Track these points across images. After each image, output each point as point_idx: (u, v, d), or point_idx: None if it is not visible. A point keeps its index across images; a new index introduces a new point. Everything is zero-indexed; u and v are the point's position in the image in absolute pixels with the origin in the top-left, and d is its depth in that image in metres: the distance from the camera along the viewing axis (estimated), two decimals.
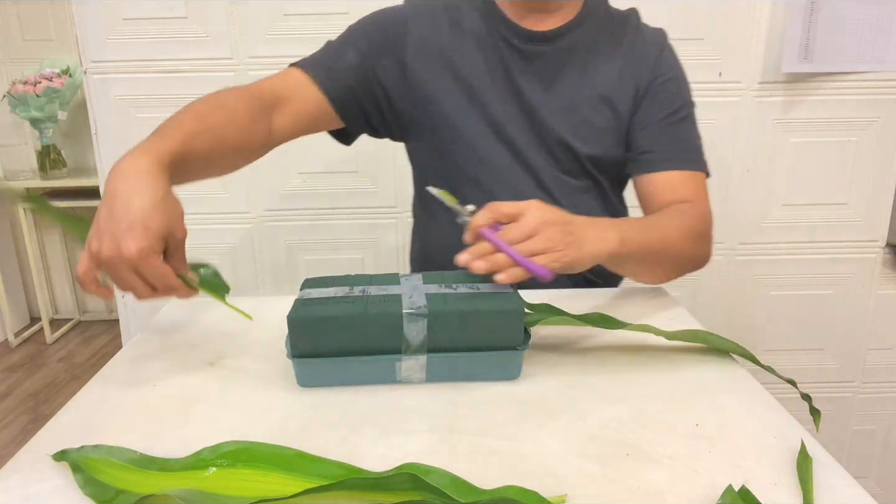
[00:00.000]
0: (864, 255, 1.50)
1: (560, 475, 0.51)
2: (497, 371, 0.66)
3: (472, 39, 0.92)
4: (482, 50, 0.91)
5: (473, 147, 0.92)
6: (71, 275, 3.06)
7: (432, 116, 0.93)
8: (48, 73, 2.58)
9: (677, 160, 0.91)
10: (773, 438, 0.56)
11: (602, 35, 0.93)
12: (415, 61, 0.92)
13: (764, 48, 1.39)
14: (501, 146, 0.92)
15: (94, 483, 0.49)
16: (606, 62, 0.92)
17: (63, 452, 0.53)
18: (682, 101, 0.94)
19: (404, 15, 0.93)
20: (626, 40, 0.93)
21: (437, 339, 0.63)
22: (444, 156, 0.94)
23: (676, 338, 0.71)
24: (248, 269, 1.53)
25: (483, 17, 0.92)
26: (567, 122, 0.91)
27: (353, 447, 0.55)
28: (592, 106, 0.91)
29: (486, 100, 0.91)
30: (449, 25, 0.92)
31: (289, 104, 0.87)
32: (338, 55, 0.91)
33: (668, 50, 0.95)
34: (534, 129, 0.92)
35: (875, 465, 1.65)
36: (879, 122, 1.43)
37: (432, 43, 0.92)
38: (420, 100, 0.93)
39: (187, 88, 1.42)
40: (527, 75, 0.91)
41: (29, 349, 2.83)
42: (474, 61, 0.91)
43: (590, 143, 0.92)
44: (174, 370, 0.69)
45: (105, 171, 1.47)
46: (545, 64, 0.91)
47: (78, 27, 1.39)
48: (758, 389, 0.65)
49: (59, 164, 2.67)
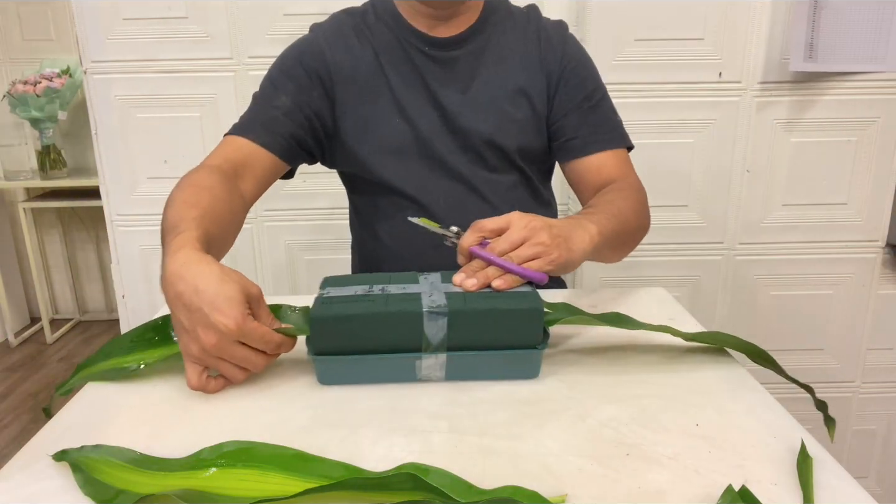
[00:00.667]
0: (864, 255, 1.50)
1: (560, 475, 0.51)
2: (516, 370, 0.66)
3: (386, 56, 0.93)
4: (398, 64, 0.93)
5: (404, 167, 0.94)
6: (71, 275, 3.06)
7: (362, 142, 0.94)
8: (48, 73, 2.58)
9: (602, 141, 0.95)
10: (773, 438, 0.56)
11: (509, 33, 0.96)
12: (340, 91, 0.93)
13: (764, 48, 1.39)
14: (429, 160, 0.94)
15: (94, 483, 0.49)
16: (517, 58, 0.95)
17: (63, 452, 0.53)
18: (594, 84, 0.97)
19: (319, 46, 0.94)
20: (531, 35, 0.96)
21: (456, 338, 0.63)
22: (376, 178, 0.96)
23: (695, 339, 0.71)
24: (249, 269, 1.53)
25: (392, 32, 0.94)
26: (489, 119, 0.94)
27: (352, 447, 0.55)
28: (510, 99, 0.94)
29: (410, 114, 0.93)
30: (361, 47, 0.94)
31: (247, 170, 0.88)
32: (269, 105, 0.92)
33: (570, 39, 0.98)
34: (458, 136, 0.94)
35: (875, 465, 1.65)
36: (879, 122, 1.43)
37: (352, 68, 0.93)
38: (350, 128, 0.94)
39: (187, 88, 1.42)
40: (443, 82, 0.93)
41: (29, 349, 2.83)
42: (393, 78, 0.93)
43: (514, 137, 0.95)
44: (174, 370, 0.69)
45: (105, 170, 1.47)
46: (460, 67, 0.93)
47: (78, 27, 1.39)
48: (758, 389, 0.65)
49: (59, 164, 2.67)
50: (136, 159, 1.46)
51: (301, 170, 1.53)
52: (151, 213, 1.49)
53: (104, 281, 3.08)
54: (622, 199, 0.87)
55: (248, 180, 0.88)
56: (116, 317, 1.60)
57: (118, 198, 1.49)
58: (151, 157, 1.46)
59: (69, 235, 3.03)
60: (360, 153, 0.95)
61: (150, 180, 1.48)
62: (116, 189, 1.48)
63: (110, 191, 1.48)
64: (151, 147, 1.45)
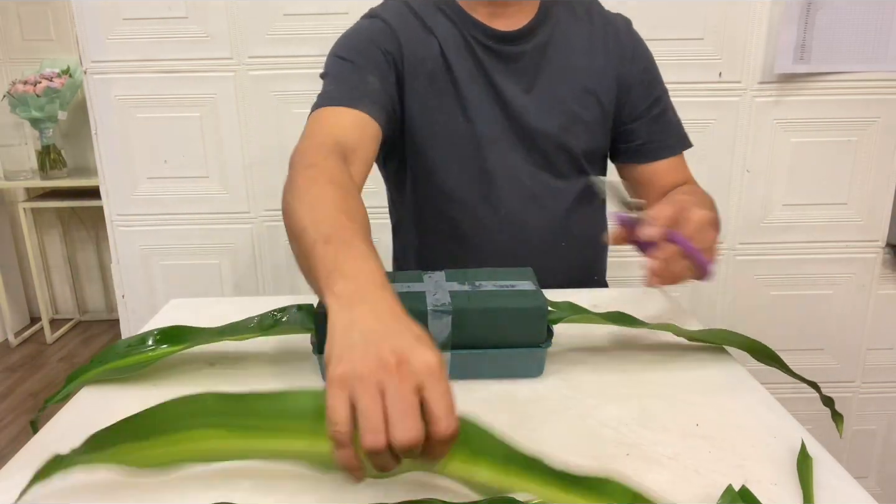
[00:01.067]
0: (864, 255, 1.50)
1: None
2: (520, 368, 0.66)
3: (451, 49, 0.87)
4: (462, 59, 0.87)
5: (462, 169, 0.90)
6: (71, 275, 3.06)
7: (428, 140, 0.89)
8: (48, 73, 2.58)
9: (672, 146, 0.95)
10: (773, 438, 0.56)
11: (572, 25, 0.91)
12: (410, 81, 0.87)
13: (763, 48, 1.39)
14: (489, 163, 0.90)
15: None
16: (583, 53, 0.91)
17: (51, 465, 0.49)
18: (662, 87, 0.96)
19: (391, 29, 0.86)
20: (597, 29, 0.92)
21: (461, 336, 0.63)
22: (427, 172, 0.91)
23: (698, 338, 0.71)
24: (248, 269, 1.53)
25: (453, 23, 0.88)
26: (556, 119, 0.90)
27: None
28: (578, 98, 0.90)
29: (472, 114, 0.88)
30: (427, 36, 0.87)
31: (356, 153, 0.76)
32: (363, 82, 0.82)
33: (638, 37, 0.95)
34: (523, 137, 0.90)
35: (875, 465, 1.65)
36: (879, 122, 1.43)
37: (421, 59, 0.87)
38: (417, 125, 0.88)
39: (187, 88, 1.42)
40: (507, 79, 0.89)
41: (29, 349, 2.83)
42: (459, 73, 0.87)
43: (581, 138, 0.92)
44: (174, 370, 0.69)
45: (105, 170, 1.47)
46: (525, 63, 0.89)
47: (78, 27, 1.39)
48: (758, 389, 0.65)
49: (59, 164, 2.66)
50: (136, 159, 1.46)
51: None
52: (151, 213, 1.49)
53: (104, 281, 3.08)
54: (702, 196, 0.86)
55: (357, 164, 0.76)
56: (116, 317, 1.60)
57: (118, 198, 1.48)
58: (151, 157, 1.46)
59: (69, 235, 3.03)
60: (423, 149, 0.89)
61: (150, 180, 1.48)
62: (116, 189, 1.48)
63: (110, 191, 1.48)
64: (151, 147, 1.45)
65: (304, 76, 1.40)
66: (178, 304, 0.89)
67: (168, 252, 1.51)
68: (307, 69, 1.40)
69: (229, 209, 1.49)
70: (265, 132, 1.45)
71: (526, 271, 0.72)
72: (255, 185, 1.48)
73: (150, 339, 0.69)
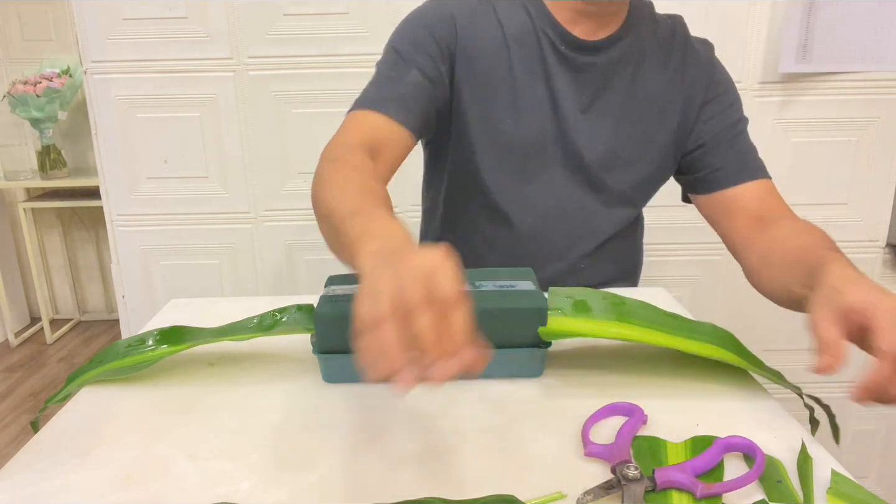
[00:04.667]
0: (864, 255, 1.50)
1: (560, 475, 0.51)
2: (520, 368, 0.66)
3: (517, 45, 0.85)
4: (526, 57, 0.85)
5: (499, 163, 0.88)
6: (71, 275, 3.06)
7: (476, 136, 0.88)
8: (48, 73, 2.58)
9: (749, 171, 0.89)
10: (773, 438, 0.56)
11: (651, 44, 0.87)
12: (460, 67, 0.85)
13: (764, 48, 1.39)
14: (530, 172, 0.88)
15: None
16: (657, 73, 0.87)
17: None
18: (740, 113, 0.92)
19: (450, 15, 0.84)
20: (675, 51, 0.88)
21: None
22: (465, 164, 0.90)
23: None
24: (248, 269, 1.53)
25: (529, 17, 0.85)
26: (605, 145, 0.87)
27: (352, 446, 0.55)
28: (642, 120, 0.88)
29: (524, 115, 0.86)
30: (491, 27, 0.85)
31: (381, 152, 0.79)
32: (400, 82, 0.83)
33: (718, 63, 0.92)
34: (570, 152, 0.87)
35: (875, 465, 1.65)
36: (879, 122, 1.43)
37: (479, 49, 0.85)
38: (465, 118, 0.87)
39: (187, 88, 1.42)
40: (570, 88, 0.85)
41: (29, 349, 2.83)
42: (518, 71, 0.85)
43: (634, 162, 0.89)
44: (174, 370, 0.69)
45: (105, 170, 1.47)
46: (593, 75, 0.85)
47: (78, 27, 1.39)
48: (758, 389, 0.65)
49: (59, 164, 2.66)
50: (136, 159, 1.46)
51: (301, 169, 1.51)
52: (151, 213, 1.49)
53: (104, 281, 3.08)
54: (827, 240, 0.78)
55: (382, 163, 0.79)
56: (116, 317, 1.60)
57: (118, 198, 1.48)
58: (151, 157, 1.46)
59: (69, 235, 3.03)
60: (465, 138, 0.88)
61: (150, 180, 1.48)
62: (116, 189, 1.48)
63: (110, 191, 1.48)
64: (151, 147, 1.45)
65: (305, 76, 1.41)
66: (178, 304, 0.89)
67: (168, 252, 1.51)
68: (307, 69, 1.40)
69: (229, 209, 1.49)
70: (265, 132, 1.45)
71: (526, 271, 0.72)
72: (255, 185, 1.48)
73: (150, 339, 0.69)
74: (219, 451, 0.55)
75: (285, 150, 1.46)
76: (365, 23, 1.38)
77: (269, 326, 0.68)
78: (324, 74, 1.41)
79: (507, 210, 0.90)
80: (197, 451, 0.55)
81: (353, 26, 1.38)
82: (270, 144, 1.45)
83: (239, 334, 0.68)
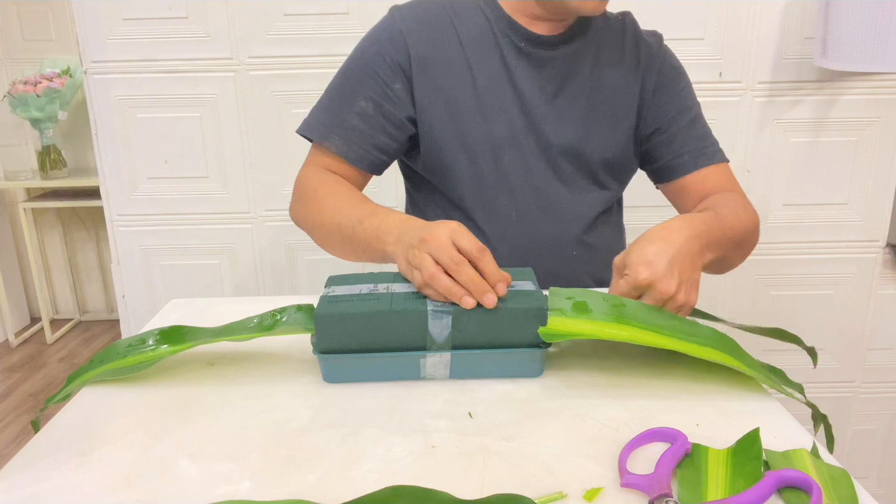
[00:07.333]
0: (864, 255, 1.50)
1: (560, 475, 0.51)
2: (520, 368, 0.66)
3: (474, 47, 0.88)
4: (485, 58, 0.88)
5: (473, 165, 0.90)
6: (71, 275, 3.06)
7: (440, 141, 0.90)
8: (48, 73, 2.58)
9: (706, 156, 0.93)
10: (773, 438, 0.56)
11: (605, 39, 0.92)
12: (419, 83, 0.88)
13: (764, 48, 1.39)
14: (503, 167, 0.90)
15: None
16: (612, 67, 0.91)
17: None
18: (693, 99, 0.96)
19: (399, 35, 0.88)
20: (629, 42, 0.93)
21: (461, 336, 0.64)
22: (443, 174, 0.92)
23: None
24: (248, 269, 1.53)
25: (487, 20, 0.89)
26: (576, 128, 0.90)
27: (352, 447, 0.55)
28: (602, 109, 0.91)
29: (489, 114, 0.88)
30: (446, 35, 0.88)
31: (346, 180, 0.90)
32: (348, 111, 0.88)
33: (668, 50, 0.95)
34: (540, 143, 0.90)
35: (875, 465, 1.65)
36: (879, 122, 1.43)
37: (434, 60, 0.88)
38: (428, 125, 0.89)
39: (187, 88, 1.42)
40: (532, 83, 0.89)
41: (29, 349, 2.83)
42: (478, 72, 0.88)
43: (600, 148, 0.91)
44: (174, 370, 0.69)
45: (105, 170, 1.47)
46: (553, 69, 0.89)
47: (78, 27, 1.39)
48: (758, 389, 0.65)
49: (60, 165, 2.66)
50: (136, 159, 1.46)
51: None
52: (152, 213, 1.49)
53: (104, 281, 3.08)
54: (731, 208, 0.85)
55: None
56: (116, 317, 1.60)
57: (118, 198, 1.48)
58: (151, 157, 1.46)
59: (69, 235, 3.03)
60: (436, 145, 0.90)
61: (150, 180, 1.48)
62: (116, 189, 1.48)
63: (110, 191, 1.48)
64: (151, 147, 1.45)
65: (304, 76, 1.40)
66: (178, 304, 0.89)
67: (168, 252, 1.51)
68: (307, 69, 1.40)
69: (229, 209, 1.49)
70: (265, 132, 1.45)
71: (526, 271, 0.72)
72: (255, 185, 1.48)
73: (150, 339, 0.69)
74: (219, 451, 0.55)
75: (285, 151, 1.46)
76: (365, 23, 1.38)
77: (269, 326, 0.68)
78: (324, 74, 1.40)
79: (488, 207, 0.92)
80: (197, 451, 0.55)
81: (353, 26, 1.38)
82: (270, 145, 1.45)
83: (239, 334, 0.68)
